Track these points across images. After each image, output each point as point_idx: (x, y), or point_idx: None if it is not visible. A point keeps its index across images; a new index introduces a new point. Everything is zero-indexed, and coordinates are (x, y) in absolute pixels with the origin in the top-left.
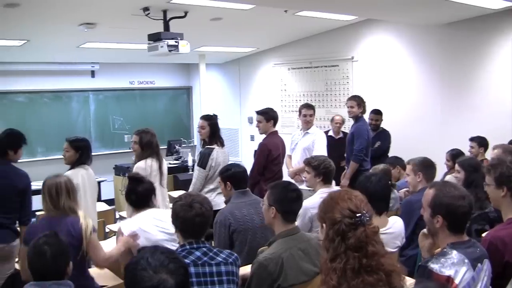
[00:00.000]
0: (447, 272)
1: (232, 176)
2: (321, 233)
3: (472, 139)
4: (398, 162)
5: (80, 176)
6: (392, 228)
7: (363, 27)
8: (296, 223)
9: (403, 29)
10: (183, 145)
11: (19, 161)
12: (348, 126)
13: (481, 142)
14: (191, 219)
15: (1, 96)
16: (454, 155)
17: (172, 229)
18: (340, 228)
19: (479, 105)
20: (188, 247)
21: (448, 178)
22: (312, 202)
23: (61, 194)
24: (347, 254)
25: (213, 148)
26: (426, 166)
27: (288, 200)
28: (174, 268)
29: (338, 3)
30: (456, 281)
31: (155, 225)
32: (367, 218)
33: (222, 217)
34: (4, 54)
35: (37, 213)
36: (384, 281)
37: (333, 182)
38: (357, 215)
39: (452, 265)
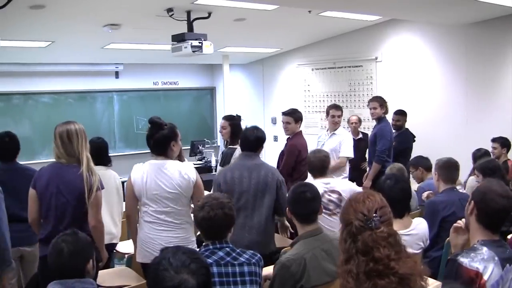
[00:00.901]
0: (476, 266)
1: (244, 137)
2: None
3: (494, 140)
4: (420, 162)
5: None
6: (416, 230)
7: (387, 27)
8: None
9: (427, 29)
10: (206, 146)
11: (45, 160)
12: (366, 126)
13: (503, 143)
14: (200, 222)
15: (27, 97)
16: (478, 156)
17: (177, 187)
18: (351, 230)
19: (505, 105)
20: (211, 247)
21: (470, 180)
22: None
23: (73, 140)
24: (358, 256)
25: (235, 148)
26: (443, 167)
27: (302, 202)
28: (196, 268)
29: (362, 3)
30: (485, 276)
31: (158, 178)
32: (376, 223)
33: (216, 176)
34: (29, 55)
35: None
36: (396, 285)
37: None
38: (366, 218)
39: (482, 260)
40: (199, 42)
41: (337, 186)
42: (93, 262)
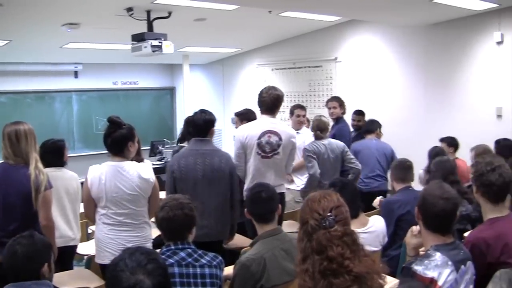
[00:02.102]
0: (431, 274)
1: (192, 122)
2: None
3: (441, 140)
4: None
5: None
6: (373, 227)
7: (347, 28)
8: None
9: (387, 30)
10: (166, 146)
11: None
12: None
13: (450, 143)
14: (160, 223)
15: None
16: (433, 154)
17: (136, 189)
18: (307, 229)
19: (462, 105)
20: (173, 247)
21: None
22: None
23: (21, 140)
24: (313, 256)
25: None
26: (397, 168)
27: (258, 202)
28: (152, 268)
29: (322, 4)
30: (440, 283)
31: (117, 181)
32: (330, 222)
33: (170, 163)
34: None
35: None
36: (351, 283)
37: None
38: (321, 217)
39: (436, 267)
40: (159, 42)
41: (279, 129)
42: (49, 265)
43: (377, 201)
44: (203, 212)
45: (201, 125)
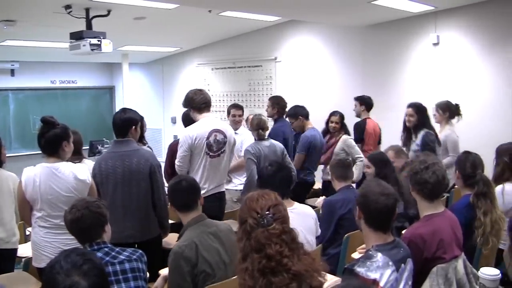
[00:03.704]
0: (373, 275)
1: (113, 123)
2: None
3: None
4: (298, 111)
5: None
6: (298, 210)
7: (287, 28)
8: None
9: (326, 30)
10: (105, 145)
11: None
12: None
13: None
14: (70, 225)
15: None
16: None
17: (72, 190)
18: (246, 228)
19: (397, 104)
20: (89, 249)
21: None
22: None
23: None
24: (252, 254)
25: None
26: (336, 166)
27: (179, 191)
28: (88, 269)
29: (261, 4)
30: (381, 283)
31: (52, 182)
32: (268, 220)
33: (93, 167)
34: None
35: None
36: (290, 281)
37: None
38: (259, 216)
39: (377, 268)
40: (98, 40)
41: (223, 127)
42: None
43: (320, 201)
44: (125, 214)
45: (119, 125)
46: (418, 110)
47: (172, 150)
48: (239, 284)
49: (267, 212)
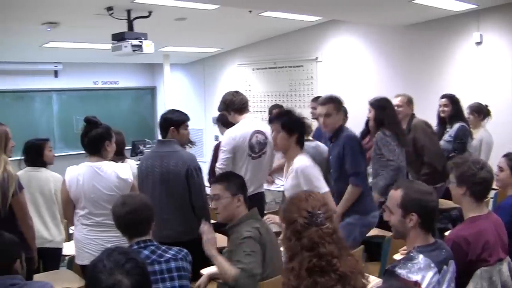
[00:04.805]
0: (414, 277)
1: (159, 123)
2: (282, 234)
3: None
4: None
5: (22, 179)
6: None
7: (328, 28)
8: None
9: (366, 30)
10: (147, 146)
11: None
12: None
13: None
14: (124, 218)
15: None
16: None
17: (114, 189)
18: (295, 227)
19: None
20: (136, 247)
21: None
22: None
23: None
24: (302, 254)
25: None
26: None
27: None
28: (130, 268)
29: (302, 4)
30: (423, 286)
31: (95, 181)
32: (321, 219)
33: (138, 165)
34: None
35: None
36: (336, 282)
37: None
38: (311, 215)
39: (419, 270)
40: (139, 41)
41: (263, 128)
42: (21, 262)
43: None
44: (164, 214)
45: (160, 124)
46: (452, 100)
47: (217, 152)
48: (283, 283)
49: (319, 212)
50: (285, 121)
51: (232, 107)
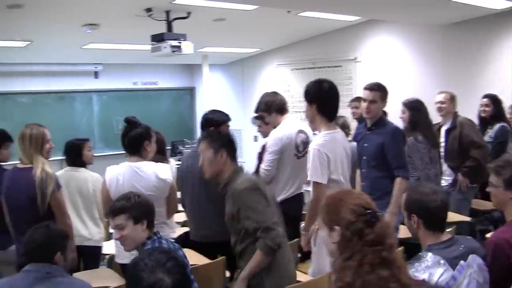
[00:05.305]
0: (421, 276)
1: (200, 123)
2: (328, 237)
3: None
4: None
5: (61, 178)
6: None
7: (366, 28)
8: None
9: (406, 29)
10: (186, 146)
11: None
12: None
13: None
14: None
15: (5, 97)
16: None
17: (154, 189)
18: (355, 228)
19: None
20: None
21: None
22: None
23: (25, 144)
24: (363, 250)
25: None
26: None
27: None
28: (171, 266)
29: (341, 4)
30: (432, 283)
31: (134, 181)
32: (379, 214)
33: (180, 163)
34: (7, 55)
35: None
36: (396, 277)
37: None
38: (369, 211)
39: (426, 268)
40: (179, 42)
41: (304, 127)
42: (64, 255)
43: None
44: (202, 214)
45: (200, 124)
46: (494, 100)
47: (262, 153)
48: (338, 279)
49: (373, 207)
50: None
51: (275, 108)
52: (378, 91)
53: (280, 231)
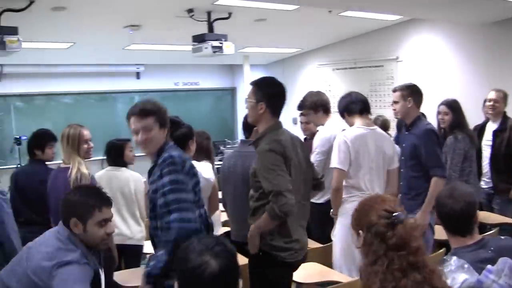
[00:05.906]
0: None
1: (242, 123)
2: (357, 241)
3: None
4: None
5: (103, 178)
6: None
7: (408, 27)
8: None
9: (448, 28)
10: (227, 146)
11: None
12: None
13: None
14: None
15: (49, 98)
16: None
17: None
18: (378, 230)
19: None
20: None
21: None
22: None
23: (63, 144)
24: (389, 255)
25: None
26: None
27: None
28: (219, 250)
29: (382, 3)
30: (455, 287)
31: None
32: (402, 216)
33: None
34: (51, 56)
35: None
36: (428, 281)
37: None
38: (393, 214)
39: (450, 272)
40: (220, 43)
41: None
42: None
43: None
44: (244, 214)
45: (242, 124)
46: None
47: None
48: (364, 285)
49: (399, 210)
50: None
51: (322, 107)
52: (399, 91)
53: (290, 199)
